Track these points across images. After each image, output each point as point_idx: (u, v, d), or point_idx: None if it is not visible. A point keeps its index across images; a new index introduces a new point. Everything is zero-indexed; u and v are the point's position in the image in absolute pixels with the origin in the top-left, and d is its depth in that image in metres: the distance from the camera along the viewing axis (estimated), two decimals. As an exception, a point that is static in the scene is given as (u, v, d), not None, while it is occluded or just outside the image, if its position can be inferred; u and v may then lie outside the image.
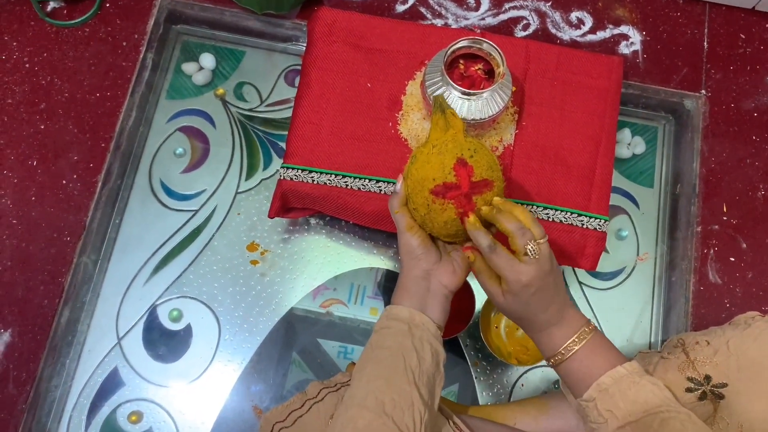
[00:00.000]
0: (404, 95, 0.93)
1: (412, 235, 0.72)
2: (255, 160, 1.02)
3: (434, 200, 0.67)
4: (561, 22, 1.06)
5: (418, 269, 0.72)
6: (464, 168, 0.66)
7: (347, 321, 0.97)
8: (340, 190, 0.89)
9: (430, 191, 0.67)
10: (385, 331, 0.70)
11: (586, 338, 0.68)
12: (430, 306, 0.71)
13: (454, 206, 0.67)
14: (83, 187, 0.96)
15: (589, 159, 0.91)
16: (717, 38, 1.07)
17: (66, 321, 0.91)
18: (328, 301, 0.97)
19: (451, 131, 0.70)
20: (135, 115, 1.00)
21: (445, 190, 0.67)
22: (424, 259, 0.72)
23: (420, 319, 0.70)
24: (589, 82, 0.94)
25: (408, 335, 0.68)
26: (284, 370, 0.93)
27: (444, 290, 0.72)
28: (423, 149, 0.70)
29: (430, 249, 0.72)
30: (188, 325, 0.94)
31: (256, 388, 0.92)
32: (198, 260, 0.97)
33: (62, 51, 1.01)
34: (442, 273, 0.72)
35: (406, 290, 0.72)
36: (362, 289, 0.98)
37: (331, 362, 0.95)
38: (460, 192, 0.67)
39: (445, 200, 0.67)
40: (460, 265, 0.72)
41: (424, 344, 0.68)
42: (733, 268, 0.97)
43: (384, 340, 0.69)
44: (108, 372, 0.92)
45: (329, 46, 0.94)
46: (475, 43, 0.83)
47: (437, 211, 0.68)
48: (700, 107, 1.03)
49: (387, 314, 0.71)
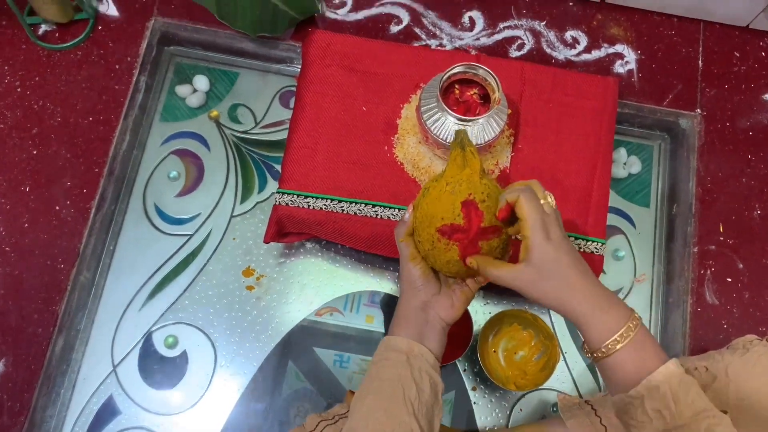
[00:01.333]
0: (399, 119, 0.93)
1: (414, 266, 0.71)
2: (250, 183, 1.01)
3: (439, 239, 0.67)
4: (556, 41, 1.06)
5: (417, 300, 0.72)
6: (474, 212, 0.66)
7: (343, 329, 0.96)
8: (336, 215, 0.89)
9: (436, 229, 0.67)
10: (384, 362, 0.69)
11: (630, 335, 0.62)
12: (428, 337, 0.71)
13: (458, 249, 0.66)
14: (77, 212, 0.95)
15: (585, 181, 0.91)
16: (712, 56, 1.07)
17: (60, 349, 0.90)
18: (323, 309, 0.97)
19: (467, 170, 0.68)
20: (128, 139, 0.99)
21: (452, 231, 0.66)
22: (424, 290, 0.71)
23: (418, 350, 0.69)
24: (585, 104, 0.94)
25: (407, 366, 0.68)
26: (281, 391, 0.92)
27: (441, 323, 0.71)
28: (436, 184, 0.69)
29: (430, 280, 0.72)
30: (184, 352, 0.94)
31: (254, 416, 0.92)
32: (193, 285, 0.96)
33: (54, 75, 1.00)
34: (441, 306, 0.71)
35: (405, 320, 0.72)
36: (358, 297, 0.98)
37: (326, 371, 0.94)
38: (466, 236, 0.66)
39: (450, 241, 0.66)
40: (459, 298, 0.72)
41: (423, 375, 0.68)
42: (730, 289, 0.96)
43: (383, 371, 0.68)
44: (103, 400, 0.91)
45: (324, 69, 0.94)
46: (470, 68, 0.83)
47: (441, 249, 0.67)
48: (695, 126, 1.03)
49: (385, 345, 0.71)
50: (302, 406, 0.93)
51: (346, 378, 0.94)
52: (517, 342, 0.93)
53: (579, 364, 0.95)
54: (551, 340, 0.90)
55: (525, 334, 0.93)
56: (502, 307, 0.97)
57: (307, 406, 0.92)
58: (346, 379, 0.94)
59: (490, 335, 0.93)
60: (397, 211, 0.89)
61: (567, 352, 0.95)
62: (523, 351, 0.92)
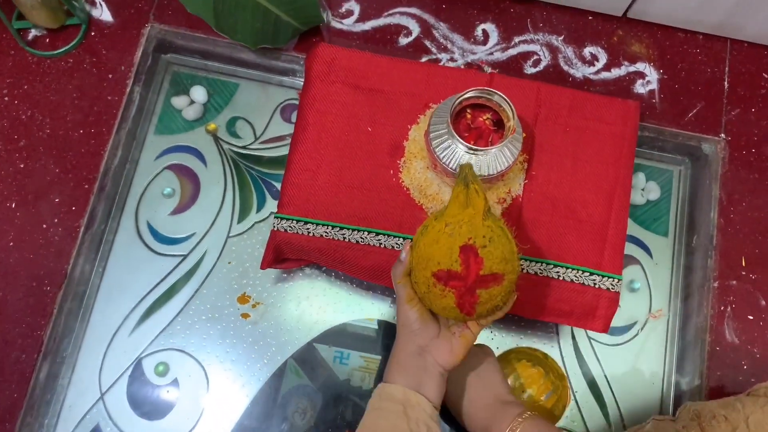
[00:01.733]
0: (407, 140, 0.87)
1: (411, 308, 0.67)
2: (248, 201, 0.96)
3: (435, 284, 0.62)
4: (574, 57, 1.00)
5: (414, 344, 0.67)
6: (473, 258, 0.61)
7: (344, 326, 0.92)
8: (338, 243, 0.84)
9: (432, 273, 0.62)
10: (379, 412, 0.65)
11: (519, 426, 0.69)
12: (426, 384, 0.67)
13: (454, 296, 0.61)
14: (65, 231, 0.90)
15: (602, 212, 0.86)
16: (738, 77, 1.01)
17: (45, 376, 0.86)
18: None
19: (470, 210, 0.63)
20: (121, 153, 0.94)
21: (448, 277, 0.61)
22: (421, 334, 0.67)
23: (415, 400, 0.65)
24: (604, 129, 0.89)
25: (403, 417, 0.64)
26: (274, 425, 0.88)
27: (439, 369, 0.67)
28: (435, 224, 0.64)
29: (428, 324, 0.67)
30: (175, 380, 0.89)
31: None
32: (186, 310, 0.91)
33: (44, 83, 0.95)
34: (439, 352, 0.67)
35: (401, 366, 0.68)
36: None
37: (327, 368, 0.90)
38: (463, 284, 0.61)
39: (446, 288, 0.61)
40: (459, 343, 0.67)
41: (420, 426, 0.64)
42: (751, 327, 0.91)
43: (378, 423, 0.65)
44: (90, 430, 0.87)
45: (328, 86, 0.88)
46: (484, 93, 0.77)
47: (436, 294, 0.62)
48: (719, 152, 0.97)
49: (380, 393, 0.67)
50: (301, 403, 0.89)
51: (346, 374, 0.90)
52: (526, 379, 0.88)
53: (589, 404, 0.90)
54: (562, 380, 0.85)
55: (534, 371, 0.88)
56: (510, 340, 0.92)
57: (305, 403, 0.89)
58: (346, 376, 0.90)
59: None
60: (402, 240, 0.84)
61: (577, 391, 0.90)
62: (531, 389, 0.88)
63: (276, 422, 0.88)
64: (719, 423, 0.77)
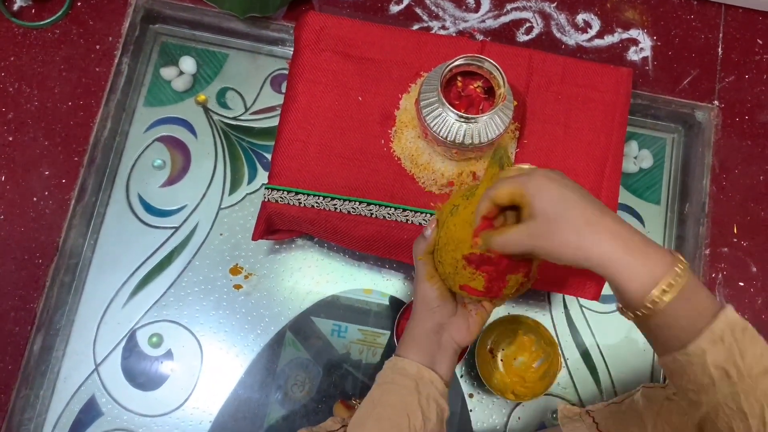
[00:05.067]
0: (398, 110, 0.87)
1: (432, 286, 0.66)
2: (239, 173, 0.96)
3: (465, 266, 0.60)
4: (566, 25, 0.99)
5: (432, 321, 0.66)
6: None
7: (340, 299, 0.93)
8: (329, 213, 0.84)
9: (463, 256, 0.60)
10: (389, 386, 0.65)
11: (679, 283, 0.50)
12: (439, 361, 0.66)
13: (484, 280, 0.60)
14: (55, 204, 0.90)
15: (594, 181, 0.86)
16: (732, 43, 1.00)
17: (39, 349, 0.87)
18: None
19: None
20: (110, 126, 0.93)
21: (481, 262, 0.59)
22: (440, 311, 0.66)
23: (429, 376, 0.65)
24: (596, 96, 0.88)
25: (414, 393, 0.63)
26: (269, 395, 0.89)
27: (454, 346, 0.67)
28: (468, 204, 0.61)
29: (447, 302, 0.66)
30: (169, 351, 0.90)
31: (242, 419, 0.88)
32: (179, 281, 0.92)
33: (31, 55, 0.94)
34: (456, 329, 0.66)
35: (416, 343, 0.67)
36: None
37: (324, 341, 0.91)
38: (495, 268, 0.59)
39: (477, 271, 0.60)
40: (476, 321, 0.67)
41: (431, 403, 0.63)
42: (742, 294, 0.92)
43: (388, 396, 0.64)
44: (85, 401, 0.87)
45: (317, 55, 0.87)
46: (475, 60, 0.76)
47: (465, 276, 0.61)
48: (711, 119, 0.97)
49: (392, 367, 0.66)
50: (299, 375, 0.90)
51: (344, 348, 0.91)
52: (517, 347, 0.89)
53: (581, 371, 0.91)
54: (553, 347, 0.86)
55: (525, 339, 0.89)
56: (502, 310, 0.92)
57: (303, 376, 0.90)
58: (344, 349, 0.91)
59: (489, 340, 0.89)
60: (393, 210, 0.83)
61: (569, 358, 0.91)
62: (522, 357, 0.88)
63: (271, 391, 0.89)
64: None
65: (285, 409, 0.89)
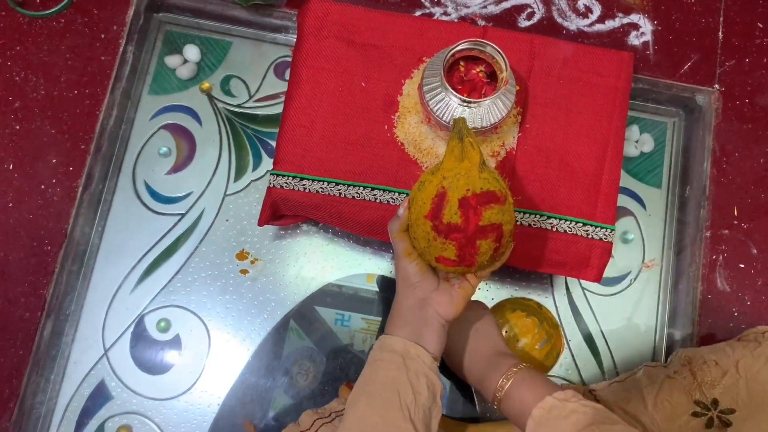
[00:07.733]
0: (401, 95, 0.87)
1: (410, 262, 0.68)
2: (244, 160, 0.97)
3: (435, 237, 0.63)
4: (568, 10, 0.99)
5: (414, 297, 0.68)
6: (472, 209, 0.61)
7: (344, 288, 0.94)
8: (334, 199, 0.85)
9: (432, 227, 0.63)
10: (378, 363, 0.67)
11: (513, 376, 0.69)
12: (426, 336, 0.68)
13: (455, 248, 0.62)
14: (63, 191, 0.91)
15: (596, 164, 0.87)
16: (733, 27, 1.00)
17: (49, 334, 0.88)
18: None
19: (466, 163, 0.63)
20: (116, 114, 0.94)
21: (448, 230, 0.62)
22: (420, 286, 0.68)
23: (415, 351, 0.67)
24: (598, 81, 0.89)
25: (402, 368, 0.65)
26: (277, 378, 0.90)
27: (440, 320, 0.68)
28: (432, 178, 0.65)
29: (427, 276, 0.68)
30: (177, 336, 0.91)
31: (249, 402, 0.90)
32: (185, 267, 0.93)
33: (36, 44, 0.95)
34: (439, 302, 0.68)
35: (401, 319, 0.69)
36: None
37: (328, 330, 0.92)
38: (463, 235, 0.62)
39: (447, 240, 0.62)
40: (459, 294, 0.69)
41: (420, 377, 0.65)
42: (742, 276, 0.93)
43: (377, 373, 0.66)
44: (95, 385, 0.89)
45: (320, 42, 0.88)
46: (477, 45, 0.77)
47: (437, 248, 0.63)
48: (712, 103, 0.98)
49: (380, 345, 0.68)
50: (303, 364, 0.91)
51: (347, 336, 0.92)
52: (520, 329, 0.90)
53: (583, 352, 0.92)
54: (555, 329, 0.87)
55: (528, 321, 0.90)
56: (504, 292, 0.93)
57: (308, 365, 0.91)
58: (347, 338, 0.92)
59: (493, 322, 0.90)
60: (397, 195, 0.84)
61: (571, 339, 0.92)
62: (525, 338, 0.89)
63: (278, 375, 0.90)
64: (710, 368, 0.79)
65: (291, 392, 0.90)
